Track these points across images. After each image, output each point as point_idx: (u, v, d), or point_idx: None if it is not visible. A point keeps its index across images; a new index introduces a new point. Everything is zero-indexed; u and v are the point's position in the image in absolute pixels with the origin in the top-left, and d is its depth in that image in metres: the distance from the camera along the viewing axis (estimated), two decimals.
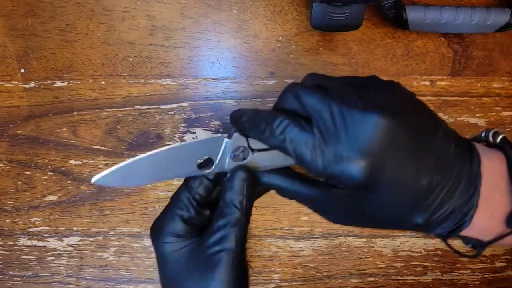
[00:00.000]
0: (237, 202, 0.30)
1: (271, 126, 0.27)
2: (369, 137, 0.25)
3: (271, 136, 0.27)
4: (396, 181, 0.25)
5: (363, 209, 0.27)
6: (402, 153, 0.25)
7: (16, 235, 0.43)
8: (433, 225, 0.26)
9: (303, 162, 0.27)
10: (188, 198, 0.31)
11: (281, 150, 0.28)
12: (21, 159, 0.42)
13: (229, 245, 0.29)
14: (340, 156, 0.25)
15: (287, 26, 0.41)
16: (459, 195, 0.26)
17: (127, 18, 0.41)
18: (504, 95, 0.42)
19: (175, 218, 0.31)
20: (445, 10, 0.38)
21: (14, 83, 0.41)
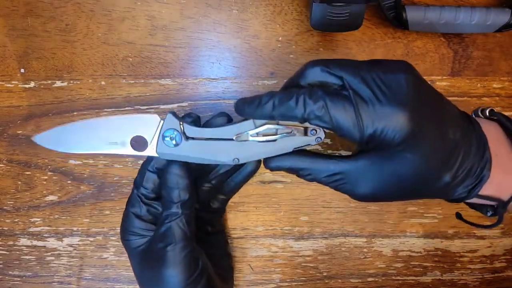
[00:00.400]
0: (172, 196, 0.30)
1: (305, 100, 0.27)
2: (405, 92, 0.26)
3: (304, 110, 0.27)
4: (431, 134, 0.27)
5: (397, 172, 0.27)
6: (429, 108, 0.27)
7: (16, 235, 0.43)
8: (456, 184, 0.28)
9: (342, 129, 0.27)
10: (136, 194, 0.32)
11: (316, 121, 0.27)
12: (21, 159, 0.42)
13: (170, 239, 0.30)
14: (383, 113, 0.26)
15: (287, 26, 0.41)
16: (475, 152, 0.28)
17: (127, 18, 0.41)
18: (504, 95, 0.42)
19: (130, 216, 0.33)
20: (445, 10, 0.38)
21: (14, 83, 0.41)
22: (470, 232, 0.44)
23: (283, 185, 0.43)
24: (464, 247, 0.44)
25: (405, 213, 0.43)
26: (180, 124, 0.30)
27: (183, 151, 0.30)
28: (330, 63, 0.28)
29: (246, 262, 0.43)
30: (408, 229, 0.43)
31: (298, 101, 0.27)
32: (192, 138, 0.30)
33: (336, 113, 0.26)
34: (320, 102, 0.27)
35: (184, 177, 0.30)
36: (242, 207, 0.43)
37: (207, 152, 0.30)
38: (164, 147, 0.30)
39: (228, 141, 0.30)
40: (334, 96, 0.27)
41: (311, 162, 0.29)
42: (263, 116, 0.29)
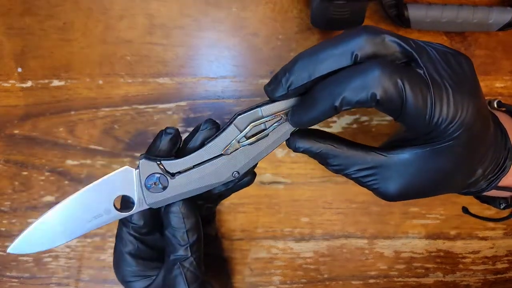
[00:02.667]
0: (179, 239, 0.27)
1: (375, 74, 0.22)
2: (471, 79, 0.24)
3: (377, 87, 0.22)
4: (483, 126, 0.25)
5: (442, 168, 0.24)
6: (483, 99, 0.25)
7: (13, 236, 0.43)
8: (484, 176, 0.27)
9: (410, 115, 0.23)
10: (128, 232, 0.29)
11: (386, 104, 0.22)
12: (18, 159, 0.42)
13: (182, 286, 0.28)
14: (455, 101, 0.23)
15: (287, 24, 0.40)
16: (500, 142, 0.27)
17: (125, 17, 0.40)
18: (507, 94, 0.42)
19: (125, 257, 0.30)
20: (447, 8, 0.38)
21: (11, 82, 0.41)
22: (472, 233, 0.43)
23: (283, 186, 0.42)
24: (467, 248, 0.44)
25: (407, 214, 0.43)
26: (158, 164, 0.27)
27: (175, 191, 0.27)
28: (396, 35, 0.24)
29: (246, 264, 0.43)
30: (410, 230, 0.43)
31: (368, 79, 0.22)
32: (179, 173, 0.27)
33: (412, 95, 0.22)
34: (396, 79, 0.22)
35: (190, 216, 0.27)
36: (241, 208, 0.42)
37: (202, 179, 0.27)
38: (153, 195, 0.27)
39: (218, 158, 0.27)
40: (411, 74, 0.22)
41: (346, 150, 0.25)
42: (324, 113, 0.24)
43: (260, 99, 0.41)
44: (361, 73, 0.22)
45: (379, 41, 0.23)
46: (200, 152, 0.27)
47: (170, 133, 0.28)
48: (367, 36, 0.23)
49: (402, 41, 0.23)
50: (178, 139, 0.28)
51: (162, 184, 0.27)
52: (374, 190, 0.26)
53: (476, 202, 0.40)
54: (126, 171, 0.27)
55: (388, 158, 0.25)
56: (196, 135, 0.28)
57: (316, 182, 0.42)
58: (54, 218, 0.27)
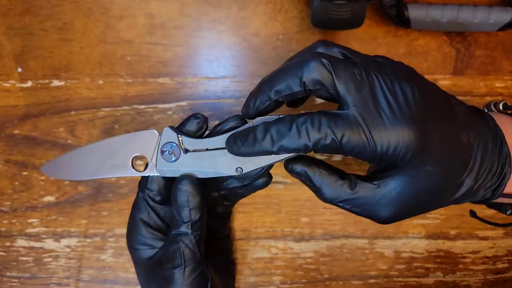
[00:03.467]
0: (182, 216, 0.29)
1: (307, 129, 0.25)
2: (413, 105, 0.25)
3: (309, 140, 0.25)
4: (445, 139, 0.26)
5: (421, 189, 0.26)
6: (439, 116, 0.26)
7: (13, 236, 0.43)
8: (480, 186, 0.27)
9: (353, 152, 0.25)
10: (143, 198, 0.31)
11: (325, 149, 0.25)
12: (18, 159, 0.42)
13: (178, 261, 0.29)
14: (393, 130, 0.24)
15: (287, 24, 0.40)
16: (492, 149, 0.27)
17: (125, 17, 0.40)
18: (507, 94, 0.42)
19: (137, 222, 0.31)
20: (447, 8, 0.37)
21: (11, 82, 0.41)
22: (472, 233, 0.43)
23: (283, 186, 0.42)
24: (467, 248, 0.44)
25: None
26: (178, 136, 0.29)
27: (184, 166, 0.29)
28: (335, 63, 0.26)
29: (246, 264, 0.43)
30: (410, 230, 0.43)
31: (300, 132, 0.25)
32: (192, 151, 0.29)
33: (345, 138, 0.25)
34: (325, 129, 0.25)
35: (195, 195, 0.29)
36: (242, 208, 0.42)
37: (208, 164, 0.29)
38: (164, 162, 0.29)
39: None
40: (338, 120, 0.25)
41: (336, 180, 0.27)
42: (263, 153, 0.27)
43: None
44: (297, 118, 0.25)
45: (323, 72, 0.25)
46: (216, 138, 0.29)
47: (199, 117, 0.30)
48: (314, 64, 0.25)
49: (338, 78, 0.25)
50: (204, 125, 0.30)
51: (175, 155, 0.29)
52: (366, 217, 0.28)
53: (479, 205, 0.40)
54: (152, 133, 0.29)
55: (375, 187, 0.26)
56: (222, 125, 0.29)
57: None
58: (81, 154, 0.30)
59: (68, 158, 0.30)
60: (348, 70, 0.25)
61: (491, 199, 0.28)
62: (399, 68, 0.27)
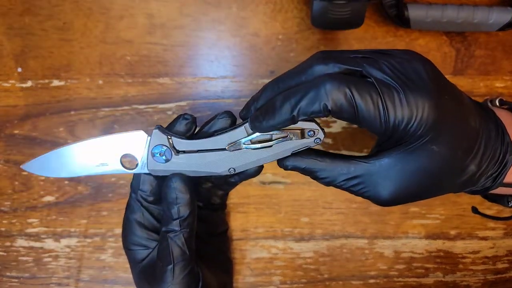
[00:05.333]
0: (172, 213, 0.29)
1: (326, 88, 0.24)
2: (426, 80, 0.25)
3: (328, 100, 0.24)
4: (455, 123, 0.25)
5: (423, 167, 0.25)
6: (449, 96, 0.26)
7: (13, 236, 0.43)
8: (482, 173, 0.27)
9: (365, 120, 0.25)
10: (135, 199, 0.31)
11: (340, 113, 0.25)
12: (18, 159, 0.42)
13: (168, 259, 0.29)
14: (408, 102, 0.24)
15: (287, 24, 0.40)
16: (495, 138, 0.27)
17: (125, 17, 0.40)
18: (507, 94, 0.42)
19: (131, 223, 0.31)
20: (447, 8, 0.37)
21: (11, 82, 0.41)
22: (472, 233, 0.43)
23: (283, 186, 0.42)
24: (467, 248, 0.44)
25: (407, 214, 0.43)
26: (169, 138, 0.29)
27: (175, 166, 0.29)
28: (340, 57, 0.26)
29: (246, 264, 0.43)
30: (410, 230, 0.43)
31: (320, 91, 0.24)
32: (183, 152, 0.29)
33: (362, 102, 0.24)
34: (344, 89, 0.24)
35: (184, 192, 0.29)
36: (242, 208, 0.42)
37: (200, 165, 0.29)
38: (155, 163, 0.29)
39: (221, 151, 0.28)
40: (358, 83, 0.24)
41: (329, 163, 0.27)
42: (284, 121, 0.26)
43: None
44: (314, 86, 0.25)
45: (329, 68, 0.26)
46: (207, 140, 0.29)
47: (187, 119, 0.29)
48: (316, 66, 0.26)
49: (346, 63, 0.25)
50: (193, 126, 0.30)
51: (166, 156, 0.29)
52: (367, 197, 0.27)
53: (478, 202, 0.40)
54: (140, 134, 0.29)
55: (370, 164, 0.26)
56: (211, 123, 0.29)
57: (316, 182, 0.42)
58: (68, 152, 0.30)
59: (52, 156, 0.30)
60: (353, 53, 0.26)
61: (490, 188, 0.28)
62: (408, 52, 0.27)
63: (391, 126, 0.24)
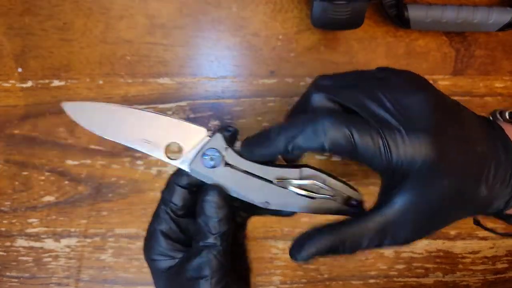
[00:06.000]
0: (210, 227, 0.28)
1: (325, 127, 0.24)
2: (427, 114, 0.24)
3: (325, 138, 0.24)
4: (460, 153, 0.25)
5: (435, 202, 0.25)
6: (452, 125, 0.25)
7: (13, 236, 0.43)
8: (494, 196, 0.26)
9: (366, 159, 0.24)
10: (165, 210, 0.30)
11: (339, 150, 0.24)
12: (18, 159, 0.42)
13: (206, 272, 0.28)
14: (409, 140, 0.24)
15: (287, 24, 0.40)
16: (504, 158, 0.26)
17: (125, 17, 0.40)
18: (507, 94, 0.42)
19: (157, 234, 0.30)
20: (447, 8, 0.37)
21: (11, 82, 0.41)
22: (472, 233, 0.43)
23: None
24: (466, 248, 0.44)
25: None
26: (226, 148, 0.28)
27: (217, 176, 0.28)
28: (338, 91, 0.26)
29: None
30: None
31: (317, 129, 0.24)
32: (230, 166, 0.27)
33: (362, 141, 0.24)
34: (344, 129, 0.24)
35: (223, 207, 0.28)
36: None
37: (240, 186, 0.28)
38: (199, 165, 0.28)
39: (267, 182, 0.27)
40: (358, 123, 0.24)
41: (348, 228, 0.25)
42: (277, 152, 0.26)
43: (261, 98, 0.41)
44: (312, 122, 0.24)
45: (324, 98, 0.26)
46: (259, 166, 0.28)
47: (230, 131, 0.29)
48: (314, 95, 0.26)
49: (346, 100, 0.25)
50: (235, 138, 0.29)
51: (214, 162, 0.28)
52: (390, 244, 0.26)
53: None
54: (200, 131, 0.28)
55: (385, 217, 0.25)
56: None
57: None
58: (120, 113, 0.28)
59: (101, 108, 0.28)
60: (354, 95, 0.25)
61: (503, 211, 0.27)
62: (407, 78, 0.26)
63: (393, 165, 0.24)
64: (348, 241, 0.25)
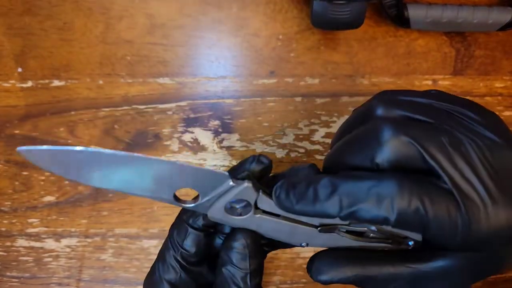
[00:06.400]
0: (238, 279, 0.23)
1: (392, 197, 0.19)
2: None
3: (393, 212, 0.19)
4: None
5: (481, 270, 0.21)
6: None
7: (14, 236, 0.43)
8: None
9: (440, 236, 0.19)
10: (174, 257, 0.25)
11: (406, 227, 0.20)
12: (18, 159, 0.42)
13: None
14: (497, 215, 0.19)
15: (287, 24, 0.40)
16: None
17: (125, 17, 0.40)
18: (507, 94, 0.42)
19: (163, 284, 0.25)
20: (447, 8, 0.37)
21: (11, 82, 0.41)
22: None
23: None
24: None
25: None
26: (259, 194, 0.22)
27: (243, 223, 0.23)
28: (416, 130, 0.20)
29: None
30: None
31: (382, 200, 0.19)
32: (264, 212, 0.23)
33: (437, 216, 0.19)
34: (415, 201, 0.19)
35: (255, 256, 0.23)
36: None
37: (276, 231, 0.23)
38: (221, 212, 0.23)
39: (310, 228, 0.23)
40: (431, 191, 0.19)
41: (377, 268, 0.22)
42: (324, 216, 0.20)
43: (261, 99, 0.41)
44: (378, 188, 0.19)
45: (403, 145, 0.20)
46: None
47: (263, 163, 0.24)
48: (391, 140, 0.20)
49: (424, 148, 0.19)
50: (268, 171, 0.24)
51: (241, 212, 0.23)
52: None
53: None
54: (222, 177, 0.22)
55: (423, 269, 0.21)
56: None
57: None
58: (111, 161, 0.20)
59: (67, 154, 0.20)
60: (437, 141, 0.20)
61: None
62: (492, 125, 0.21)
63: (472, 241, 0.19)
64: (374, 279, 0.22)
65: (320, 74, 0.41)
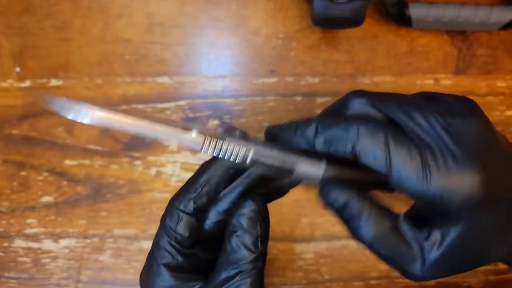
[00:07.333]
0: (250, 244, 0.24)
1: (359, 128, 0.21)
2: (479, 146, 0.21)
3: (358, 141, 0.21)
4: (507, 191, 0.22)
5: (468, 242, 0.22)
6: (500, 161, 0.22)
7: (11, 237, 0.42)
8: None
9: (401, 180, 0.21)
10: (169, 243, 0.26)
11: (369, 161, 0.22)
12: (16, 159, 0.41)
13: None
14: (456, 170, 0.20)
15: (287, 23, 0.40)
16: None
17: (124, 16, 0.40)
18: (509, 94, 0.42)
19: (160, 269, 0.26)
20: (448, 7, 0.37)
21: (9, 82, 0.41)
22: None
23: None
24: None
25: None
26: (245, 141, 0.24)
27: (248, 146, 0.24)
28: (380, 98, 0.23)
29: None
30: None
31: (350, 128, 0.21)
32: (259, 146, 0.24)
33: (398, 156, 0.21)
34: (380, 136, 0.21)
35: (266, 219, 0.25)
36: None
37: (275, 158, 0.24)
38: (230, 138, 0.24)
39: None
40: (398, 134, 0.21)
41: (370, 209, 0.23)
42: (302, 143, 0.23)
43: (261, 98, 0.41)
44: (346, 122, 0.22)
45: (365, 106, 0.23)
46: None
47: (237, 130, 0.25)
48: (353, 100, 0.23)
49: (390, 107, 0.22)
50: None
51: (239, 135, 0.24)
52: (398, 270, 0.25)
53: None
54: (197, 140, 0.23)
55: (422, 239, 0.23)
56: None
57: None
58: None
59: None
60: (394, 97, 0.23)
61: None
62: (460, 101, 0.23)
63: (430, 195, 0.21)
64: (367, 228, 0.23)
65: (320, 73, 0.41)
